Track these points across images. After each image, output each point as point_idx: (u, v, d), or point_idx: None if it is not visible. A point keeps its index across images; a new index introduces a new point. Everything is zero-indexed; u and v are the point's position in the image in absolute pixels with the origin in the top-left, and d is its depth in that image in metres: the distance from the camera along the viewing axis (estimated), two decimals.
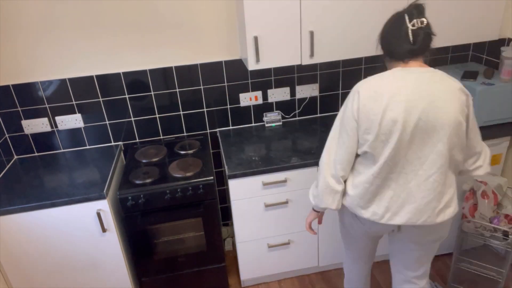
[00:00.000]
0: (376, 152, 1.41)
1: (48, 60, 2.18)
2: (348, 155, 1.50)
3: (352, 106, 1.43)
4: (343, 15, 2.01)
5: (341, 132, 1.51)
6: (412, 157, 1.40)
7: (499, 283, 2.18)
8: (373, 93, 1.38)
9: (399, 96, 1.34)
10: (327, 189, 1.57)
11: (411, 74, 1.38)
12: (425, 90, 1.35)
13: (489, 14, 2.16)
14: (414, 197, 1.45)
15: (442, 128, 1.35)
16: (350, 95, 1.47)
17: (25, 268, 2.03)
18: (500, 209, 2.14)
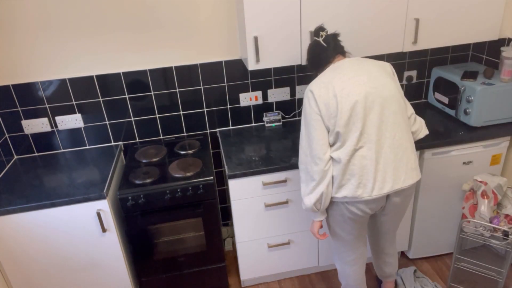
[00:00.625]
0: (347, 129, 1.60)
1: (48, 60, 2.18)
2: (323, 146, 1.64)
3: (309, 103, 1.64)
4: (342, 15, 2.01)
5: (308, 131, 1.66)
6: (377, 122, 1.61)
7: (499, 283, 2.18)
8: (322, 84, 1.63)
9: (344, 77, 1.62)
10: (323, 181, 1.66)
11: (343, 63, 1.69)
12: (361, 69, 1.65)
13: (489, 14, 2.17)
14: (390, 160, 1.63)
15: (388, 92, 1.63)
16: (305, 98, 1.67)
17: (25, 268, 2.03)
18: (500, 209, 2.14)
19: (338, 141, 1.63)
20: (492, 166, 2.31)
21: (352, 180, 1.64)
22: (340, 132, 1.60)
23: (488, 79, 2.22)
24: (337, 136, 1.62)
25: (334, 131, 1.61)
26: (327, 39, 1.73)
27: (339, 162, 1.63)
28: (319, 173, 1.64)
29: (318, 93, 1.62)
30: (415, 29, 2.11)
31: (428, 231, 2.43)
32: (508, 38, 2.31)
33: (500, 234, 2.05)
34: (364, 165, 1.62)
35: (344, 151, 1.61)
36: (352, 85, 1.60)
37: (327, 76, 1.65)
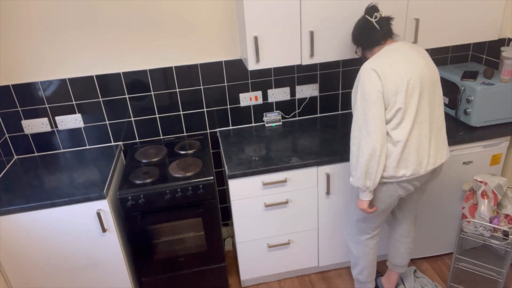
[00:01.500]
0: (407, 106, 1.67)
1: (48, 60, 2.18)
2: (381, 123, 1.67)
3: (371, 81, 1.66)
4: (343, 15, 2.01)
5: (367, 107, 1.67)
6: (431, 102, 1.72)
7: (499, 283, 2.18)
8: (386, 63, 1.67)
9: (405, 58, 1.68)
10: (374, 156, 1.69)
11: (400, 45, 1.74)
12: (416, 52, 1.72)
13: (489, 14, 2.17)
14: (437, 137, 1.77)
15: (437, 78, 1.76)
16: (366, 75, 1.68)
17: (25, 268, 2.03)
18: (500, 209, 2.14)
19: (395, 118, 1.67)
20: (492, 166, 2.31)
21: (410, 158, 1.71)
22: (402, 108, 1.65)
23: (488, 79, 2.22)
24: (396, 113, 1.67)
25: (394, 107, 1.66)
26: (380, 21, 1.74)
27: (399, 141, 1.69)
28: (374, 148, 1.67)
29: (383, 71, 1.65)
30: (415, 29, 2.11)
31: (428, 231, 2.43)
32: (508, 38, 2.31)
33: (500, 234, 2.05)
34: (421, 143, 1.71)
35: (404, 130, 1.68)
36: (412, 66, 1.67)
37: (389, 57, 1.69)
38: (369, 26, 1.76)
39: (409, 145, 1.70)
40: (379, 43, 1.77)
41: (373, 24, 1.75)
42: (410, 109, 1.67)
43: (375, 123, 1.66)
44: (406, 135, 1.68)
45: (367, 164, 1.70)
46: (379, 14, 1.75)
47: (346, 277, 2.48)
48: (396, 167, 1.72)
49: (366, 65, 1.70)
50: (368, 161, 1.69)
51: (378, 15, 1.74)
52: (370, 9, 1.77)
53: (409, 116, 1.67)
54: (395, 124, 1.68)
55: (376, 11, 1.76)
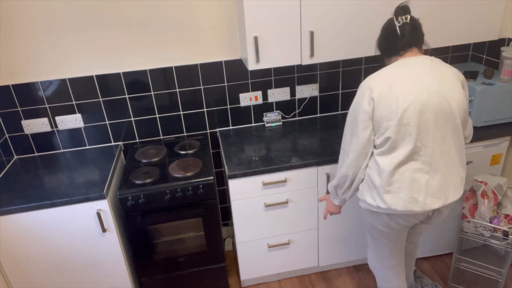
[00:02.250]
0: (400, 137, 1.48)
1: (48, 60, 2.18)
2: (361, 147, 1.56)
3: (363, 99, 1.52)
4: (343, 15, 2.01)
5: (354, 125, 1.57)
6: (437, 136, 1.49)
7: (499, 283, 2.18)
8: (386, 81, 1.48)
9: (412, 80, 1.46)
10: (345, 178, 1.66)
11: (414, 62, 1.51)
12: (433, 73, 1.49)
13: (489, 14, 2.16)
14: (444, 175, 1.54)
15: (456, 105, 1.49)
16: (361, 91, 1.55)
17: (25, 268, 2.03)
18: (500, 209, 2.14)
19: (385, 146, 1.51)
20: (492, 166, 2.31)
21: (401, 194, 1.53)
22: (392, 138, 1.48)
23: (488, 79, 2.22)
24: (386, 141, 1.50)
25: (384, 134, 1.49)
26: (403, 28, 1.50)
27: (383, 170, 1.53)
28: (348, 167, 1.62)
29: (379, 91, 1.47)
30: None
31: (428, 231, 2.43)
32: (508, 38, 2.31)
33: (500, 234, 2.05)
34: (416, 179, 1.51)
35: (392, 161, 1.51)
36: (420, 91, 1.45)
37: (393, 73, 1.49)
38: (391, 30, 1.53)
39: (400, 179, 1.52)
40: (398, 52, 1.55)
41: (395, 29, 1.51)
42: (405, 141, 1.48)
43: (356, 143, 1.56)
44: (392, 167, 1.51)
45: (340, 179, 1.69)
46: (404, 18, 1.49)
47: (346, 277, 2.48)
48: (381, 199, 1.56)
49: (366, 80, 1.55)
50: (342, 177, 1.68)
51: (401, 20, 1.49)
52: (398, 9, 1.52)
53: (402, 148, 1.48)
54: (383, 152, 1.53)
55: (404, 13, 1.50)
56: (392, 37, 1.54)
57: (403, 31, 1.51)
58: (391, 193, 1.55)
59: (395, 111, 1.45)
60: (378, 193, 1.58)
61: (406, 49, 1.54)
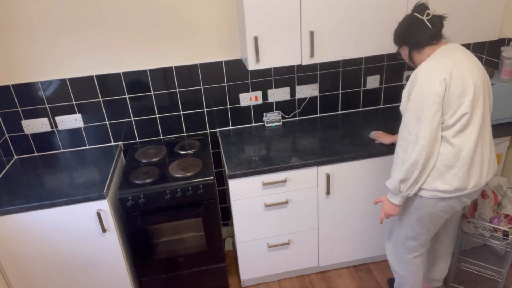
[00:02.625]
0: (473, 110, 1.56)
1: (48, 60, 2.18)
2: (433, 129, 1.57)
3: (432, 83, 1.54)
4: (343, 15, 2.01)
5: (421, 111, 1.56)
6: (486, 113, 1.62)
7: (499, 283, 2.18)
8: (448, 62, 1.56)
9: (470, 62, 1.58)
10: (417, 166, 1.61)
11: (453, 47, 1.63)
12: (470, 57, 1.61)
13: (489, 14, 2.17)
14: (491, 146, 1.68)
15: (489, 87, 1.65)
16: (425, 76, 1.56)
17: (25, 268, 2.03)
18: (500, 209, 2.14)
19: (459, 124, 1.56)
20: None
21: (474, 169, 1.62)
22: (468, 113, 1.55)
23: None
24: (460, 118, 1.56)
25: (457, 112, 1.55)
26: (433, 20, 1.60)
27: (463, 149, 1.58)
28: (419, 155, 1.58)
29: (448, 71, 1.53)
30: None
31: None
32: (508, 38, 2.31)
33: (500, 234, 2.05)
34: (484, 152, 1.63)
35: (468, 138, 1.58)
36: (476, 68, 1.58)
37: (452, 56, 1.58)
38: (420, 24, 1.61)
39: (477, 156, 1.60)
40: (431, 42, 1.63)
41: (424, 22, 1.60)
42: (476, 115, 1.56)
43: (427, 128, 1.55)
44: (473, 144, 1.58)
45: (408, 170, 1.62)
46: (432, 11, 1.61)
47: (346, 277, 2.48)
48: (462, 180, 1.61)
49: (424, 66, 1.59)
50: (411, 167, 1.61)
51: (431, 13, 1.60)
52: (419, 6, 1.63)
53: (475, 123, 1.57)
54: (458, 130, 1.57)
55: (427, 9, 1.62)
56: (423, 29, 1.61)
57: (433, 22, 1.60)
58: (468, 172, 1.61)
59: (467, 87, 1.54)
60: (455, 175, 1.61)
61: (437, 40, 1.63)
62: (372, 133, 2.25)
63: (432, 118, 1.55)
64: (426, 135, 1.56)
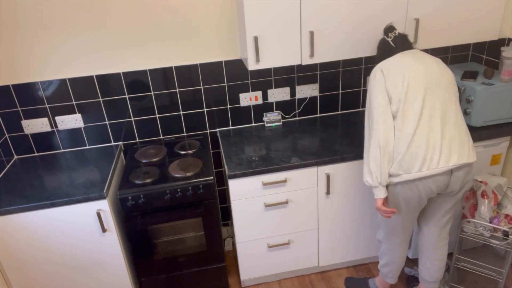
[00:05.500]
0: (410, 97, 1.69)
1: (48, 60, 2.18)
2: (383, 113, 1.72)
3: (375, 77, 1.75)
4: (343, 15, 2.01)
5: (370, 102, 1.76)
6: (443, 98, 1.71)
7: (499, 283, 2.18)
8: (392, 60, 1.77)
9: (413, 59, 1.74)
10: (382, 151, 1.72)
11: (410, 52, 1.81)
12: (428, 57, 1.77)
13: (489, 14, 2.17)
14: (455, 135, 1.71)
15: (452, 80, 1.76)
16: (373, 74, 1.78)
17: (25, 268, 2.03)
18: (500, 209, 2.14)
19: (399, 110, 1.70)
20: (492, 166, 2.31)
21: (420, 152, 1.68)
22: (402, 99, 1.69)
23: (488, 79, 2.22)
24: (398, 104, 1.70)
25: (396, 98, 1.70)
26: (395, 40, 1.84)
27: (405, 134, 1.69)
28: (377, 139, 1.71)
29: (387, 67, 1.74)
30: (415, 29, 2.11)
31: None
32: (508, 38, 2.31)
33: (500, 234, 2.05)
34: (431, 137, 1.68)
35: (410, 123, 1.69)
36: (420, 64, 1.72)
37: (397, 57, 1.78)
38: (387, 45, 1.87)
39: (417, 138, 1.68)
40: None
41: (389, 43, 1.86)
42: (417, 100, 1.68)
43: (377, 113, 1.71)
44: (413, 129, 1.68)
45: (373, 157, 1.73)
46: (393, 33, 1.85)
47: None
48: (402, 162, 1.71)
49: (375, 67, 1.80)
50: (373, 153, 1.73)
51: (392, 35, 1.85)
52: (386, 30, 1.89)
53: (415, 108, 1.68)
54: (400, 117, 1.70)
55: (391, 31, 1.86)
56: (388, 49, 1.86)
57: (396, 42, 1.84)
58: (411, 155, 1.69)
59: (403, 76, 1.70)
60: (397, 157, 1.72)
61: None
62: None
63: (378, 104, 1.72)
64: (377, 120, 1.72)
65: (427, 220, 1.99)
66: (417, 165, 1.69)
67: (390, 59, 1.78)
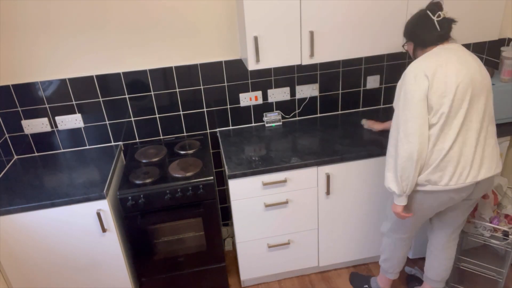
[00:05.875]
0: (454, 111, 1.58)
1: (48, 60, 2.18)
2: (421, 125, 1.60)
3: (416, 80, 1.59)
4: (343, 15, 2.01)
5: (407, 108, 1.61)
6: (481, 112, 1.63)
7: (499, 283, 2.18)
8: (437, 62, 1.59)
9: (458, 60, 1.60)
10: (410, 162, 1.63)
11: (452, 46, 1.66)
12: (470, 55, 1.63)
13: (489, 14, 2.17)
14: (483, 148, 1.66)
15: (490, 86, 1.66)
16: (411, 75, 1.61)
17: (25, 268, 2.03)
18: (500, 209, 2.14)
19: (439, 123, 1.59)
20: None
21: (449, 167, 1.63)
22: (445, 113, 1.57)
23: None
24: (440, 117, 1.59)
25: (439, 111, 1.58)
26: (443, 22, 1.63)
27: (440, 148, 1.62)
28: (411, 152, 1.61)
29: (432, 71, 1.57)
30: None
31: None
32: (508, 38, 2.31)
33: (500, 234, 2.05)
34: (464, 152, 1.62)
35: (447, 137, 1.61)
36: (466, 70, 1.58)
37: (441, 57, 1.61)
38: (429, 24, 1.64)
39: (451, 154, 1.62)
40: (435, 43, 1.66)
41: (433, 23, 1.63)
42: (458, 114, 1.59)
43: (414, 125, 1.59)
44: (450, 143, 1.60)
45: (403, 168, 1.64)
46: (443, 13, 1.63)
47: (346, 277, 2.48)
48: (431, 174, 1.65)
49: (413, 64, 1.63)
50: (404, 164, 1.63)
51: (442, 15, 1.62)
52: (433, 5, 1.65)
53: (456, 122, 1.59)
54: (439, 130, 1.60)
55: (441, 9, 1.63)
56: (431, 30, 1.64)
57: (442, 25, 1.62)
58: (440, 169, 1.64)
59: (450, 87, 1.56)
60: (426, 169, 1.65)
61: (443, 41, 1.66)
62: (363, 120, 2.36)
63: (418, 115, 1.59)
64: (414, 132, 1.60)
65: (441, 221, 1.96)
66: (446, 179, 1.65)
67: (432, 59, 1.59)
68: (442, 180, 1.65)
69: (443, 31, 1.63)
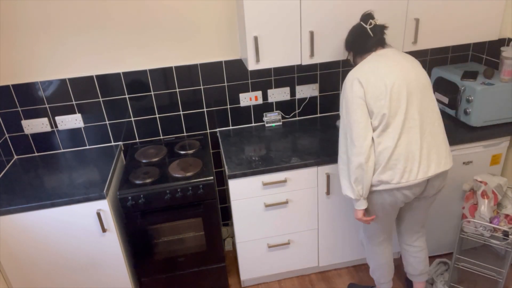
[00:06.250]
0: (393, 111, 1.65)
1: (48, 60, 2.18)
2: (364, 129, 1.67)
3: (352, 88, 1.68)
4: (343, 15, 2.01)
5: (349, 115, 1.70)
6: (420, 109, 1.68)
7: (499, 283, 2.18)
8: (369, 69, 1.69)
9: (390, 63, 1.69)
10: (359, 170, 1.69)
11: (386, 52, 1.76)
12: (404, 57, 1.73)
13: (489, 14, 2.17)
14: (432, 144, 1.71)
15: (427, 83, 1.73)
16: (348, 84, 1.72)
17: (25, 268, 2.03)
18: (500, 209, 2.14)
19: (382, 124, 1.66)
20: (492, 166, 2.31)
21: (398, 165, 1.68)
22: (386, 114, 1.64)
23: (488, 79, 2.22)
24: (382, 119, 1.66)
25: (379, 113, 1.66)
26: (375, 29, 1.75)
27: (385, 147, 1.67)
28: (359, 155, 1.67)
29: (366, 77, 1.66)
30: (415, 29, 2.11)
31: (428, 231, 2.43)
32: (508, 38, 2.31)
33: (500, 234, 2.05)
34: (410, 150, 1.67)
35: (390, 136, 1.66)
36: (398, 71, 1.67)
37: (373, 63, 1.71)
38: (363, 33, 1.77)
39: (397, 152, 1.67)
40: (370, 50, 1.77)
41: (367, 31, 1.76)
42: (398, 114, 1.65)
43: (358, 130, 1.67)
44: (394, 142, 1.66)
45: (354, 172, 1.70)
46: (374, 21, 1.76)
47: (346, 277, 2.48)
48: (382, 174, 1.70)
49: (350, 73, 1.74)
50: (355, 168, 1.70)
51: (373, 22, 1.76)
52: (365, 16, 1.79)
53: (397, 122, 1.66)
54: (381, 130, 1.67)
55: (372, 18, 1.76)
56: (364, 38, 1.77)
57: (374, 31, 1.75)
58: (390, 167, 1.69)
59: (385, 90, 1.64)
60: (376, 169, 1.71)
61: (377, 46, 1.77)
62: (338, 121, 2.39)
63: (359, 119, 1.67)
64: (359, 137, 1.67)
65: (404, 222, 2.04)
66: (397, 177, 1.69)
67: (365, 66, 1.70)
68: (394, 179, 1.70)
69: (376, 37, 1.75)
